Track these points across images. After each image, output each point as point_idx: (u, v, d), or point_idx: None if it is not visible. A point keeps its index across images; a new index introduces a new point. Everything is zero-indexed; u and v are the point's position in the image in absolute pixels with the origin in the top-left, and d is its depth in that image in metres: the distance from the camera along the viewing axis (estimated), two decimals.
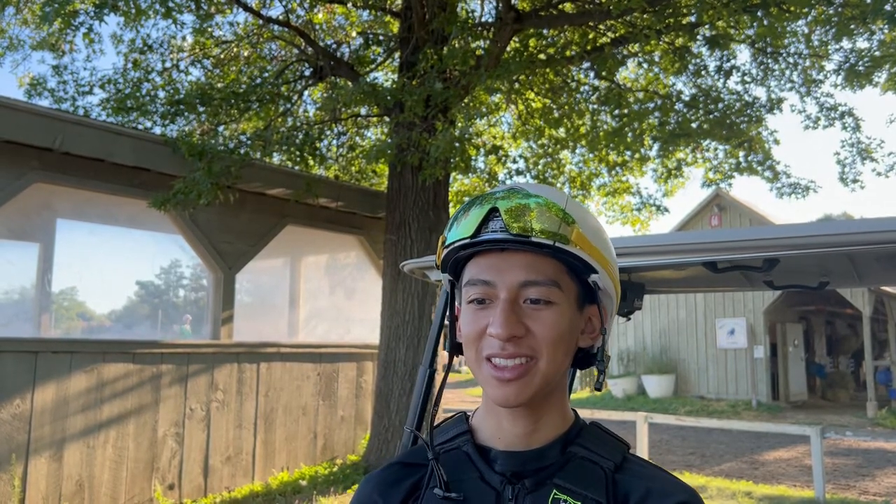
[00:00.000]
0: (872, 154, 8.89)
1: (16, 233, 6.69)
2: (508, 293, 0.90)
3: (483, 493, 0.91)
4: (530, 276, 0.90)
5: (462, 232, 0.91)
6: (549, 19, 8.51)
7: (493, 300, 0.91)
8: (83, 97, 8.83)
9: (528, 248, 0.90)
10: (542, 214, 0.89)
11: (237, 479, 7.30)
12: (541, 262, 0.91)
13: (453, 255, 0.95)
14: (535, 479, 0.90)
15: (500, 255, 0.91)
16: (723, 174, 10.14)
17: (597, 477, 0.90)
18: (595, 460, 0.92)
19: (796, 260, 1.95)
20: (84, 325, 7.72)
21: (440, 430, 1.02)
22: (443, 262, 0.98)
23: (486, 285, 0.91)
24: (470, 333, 0.92)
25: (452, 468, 0.95)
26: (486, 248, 0.92)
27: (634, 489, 0.89)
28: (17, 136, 5.91)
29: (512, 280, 0.90)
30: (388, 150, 7.34)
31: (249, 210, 7.78)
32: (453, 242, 0.93)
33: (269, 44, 9.65)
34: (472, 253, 0.94)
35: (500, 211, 0.89)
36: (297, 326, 8.90)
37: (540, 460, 0.92)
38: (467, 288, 0.93)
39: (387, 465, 1.01)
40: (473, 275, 0.93)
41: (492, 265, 0.91)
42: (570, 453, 0.93)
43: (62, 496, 5.96)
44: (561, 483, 0.89)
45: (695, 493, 0.90)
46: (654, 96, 9.64)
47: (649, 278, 2.47)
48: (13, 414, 5.72)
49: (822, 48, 8.64)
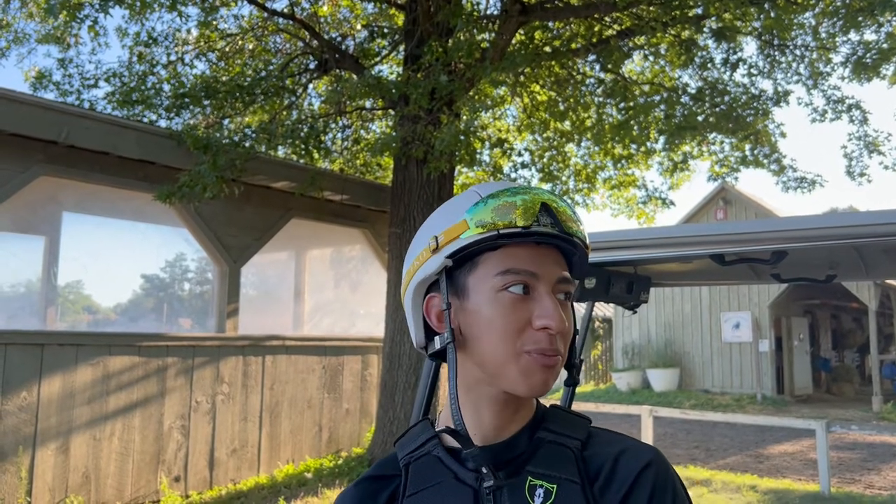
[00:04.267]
0: (880, 147, 8.84)
1: (21, 226, 6.70)
2: (550, 287, 0.90)
3: (460, 493, 0.91)
4: (564, 273, 0.93)
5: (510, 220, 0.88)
6: (555, 12, 8.47)
7: (532, 291, 0.90)
8: (88, 90, 8.84)
9: (562, 245, 0.93)
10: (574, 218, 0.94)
11: (242, 472, 7.33)
12: (562, 260, 0.94)
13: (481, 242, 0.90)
14: (508, 471, 0.90)
15: (538, 249, 0.91)
16: (729, 167, 10.11)
17: (566, 457, 0.92)
18: (562, 442, 0.93)
19: (804, 253, 1.94)
20: (90, 318, 7.73)
21: (406, 439, 1.00)
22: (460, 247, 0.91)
23: (531, 276, 0.90)
24: (508, 325, 0.88)
25: (424, 474, 0.94)
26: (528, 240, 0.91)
27: (603, 461, 0.91)
28: (23, 129, 5.92)
29: (553, 274, 0.91)
30: (392, 144, 7.33)
31: (254, 203, 7.78)
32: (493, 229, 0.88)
33: (273, 37, 9.63)
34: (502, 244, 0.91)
35: (554, 207, 0.91)
36: (302, 320, 8.91)
37: (511, 450, 0.93)
38: (504, 276, 0.89)
39: (359, 481, 0.99)
40: (514, 265, 0.89)
41: (532, 257, 0.90)
42: (537, 439, 0.94)
43: (69, 488, 5.99)
44: (533, 469, 0.90)
45: (660, 453, 0.93)
46: (660, 89, 9.60)
47: (656, 271, 2.47)
48: (20, 406, 5.75)
49: (829, 40, 8.59)
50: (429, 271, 0.94)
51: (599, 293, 2.27)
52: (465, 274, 0.93)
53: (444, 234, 0.93)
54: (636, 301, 2.48)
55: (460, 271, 0.93)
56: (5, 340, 5.75)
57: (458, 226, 0.91)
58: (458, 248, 0.91)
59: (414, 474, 0.95)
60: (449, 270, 0.94)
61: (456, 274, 0.94)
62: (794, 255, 1.95)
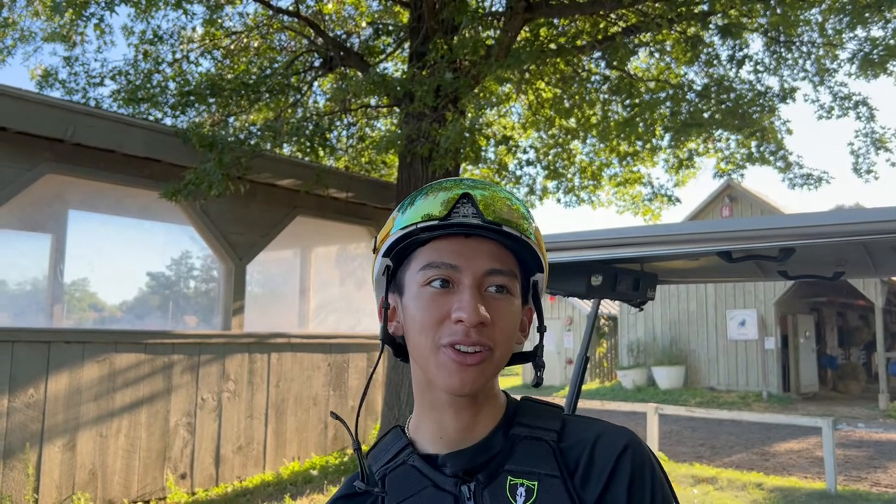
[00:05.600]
0: (887, 144, 8.79)
1: (28, 224, 6.72)
2: (474, 279, 0.88)
3: (440, 500, 0.89)
4: (495, 265, 0.90)
5: (426, 210, 0.89)
6: (560, 8, 8.45)
7: (454, 284, 0.89)
8: (94, 88, 8.86)
9: (493, 237, 0.90)
10: (510, 207, 0.91)
11: (248, 469, 7.34)
12: (502, 252, 0.91)
13: (407, 238, 0.92)
14: (487, 472, 0.89)
15: (465, 241, 0.90)
16: (735, 164, 10.07)
17: (544, 452, 0.90)
18: (538, 436, 0.92)
19: (811, 249, 1.94)
20: (96, 315, 7.76)
21: (379, 449, 0.98)
22: (389, 245, 0.93)
23: (451, 269, 0.89)
24: (427, 319, 0.88)
25: (402, 485, 0.92)
26: (452, 231, 0.90)
27: (580, 451, 0.90)
28: (29, 127, 5.93)
29: (478, 267, 0.89)
30: (398, 141, 7.32)
31: (260, 201, 7.79)
32: (413, 223, 0.90)
33: (278, 34, 9.64)
34: (429, 238, 0.91)
35: (474, 197, 0.89)
36: (308, 317, 8.92)
37: (487, 451, 0.91)
38: (425, 270, 0.90)
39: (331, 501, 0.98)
40: (434, 258, 0.90)
41: (456, 250, 0.89)
42: (513, 436, 0.92)
43: (75, 485, 6.01)
44: (513, 468, 0.89)
45: (634, 434, 0.93)
46: (665, 86, 9.57)
47: (662, 268, 2.46)
48: (27, 403, 5.77)
49: (835, 37, 8.55)
50: (376, 272, 0.97)
51: (605, 290, 2.27)
52: (403, 272, 0.95)
53: (380, 235, 0.96)
54: (642, 298, 2.47)
55: (400, 270, 0.95)
56: (12, 338, 5.77)
57: (388, 225, 0.94)
58: (388, 247, 0.93)
59: (392, 486, 0.93)
60: (394, 270, 0.96)
61: (398, 273, 0.96)
62: (801, 252, 1.94)
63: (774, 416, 9.58)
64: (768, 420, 9.50)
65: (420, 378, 0.94)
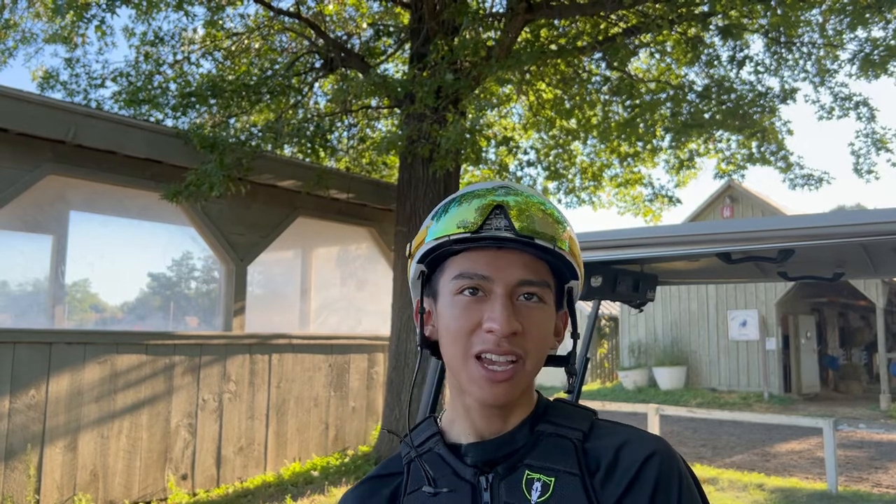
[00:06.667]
0: (887, 145, 8.80)
1: (30, 225, 6.73)
2: (506, 289, 0.89)
3: (458, 489, 0.91)
4: (527, 276, 0.90)
5: (459, 220, 0.90)
6: (561, 9, 8.45)
7: (486, 294, 0.89)
8: (95, 90, 8.87)
9: (527, 248, 0.90)
10: (543, 216, 0.90)
11: (249, 470, 7.35)
12: (535, 262, 0.91)
13: (440, 248, 0.93)
14: (506, 465, 0.90)
15: (497, 253, 0.90)
16: (735, 165, 10.07)
17: (566, 450, 0.90)
18: (563, 434, 0.92)
19: (811, 251, 1.94)
20: (97, 316, 7.77)
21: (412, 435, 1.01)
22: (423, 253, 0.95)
23: (483, 280, 0.89)
24: (460, 328, 0.89)
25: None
26: (485, 245, 0.90)
27: (605, 452, 0.90)
28: (31, 128, 5.94)
29: (510, 277, 0.89)
30: (398, 142, 7.33)
31: (261, 202, 7.80)
32: (446, 235, 0.90)
33: (279, 35, 9.65)
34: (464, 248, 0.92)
35: (507, 209, 0.89)
36: (309, 318, 8.93)
37: (510, 444, 0.92)
38: (457, 280, 0.91)
39: (362, 482, 1.01)
40: (467, 269, 0.90)
41: (489, 261, 0.90)
42: (538, 432, 0.93)
43: (77, 486, 6.02)
44: (532, 463, 0.89)
45: (665, 443, 0.91)
46: (666, 87, 9.57)
47: (662, 269, 2.46)
48: (28, 404, 5.78)
49: (836, 37, 8.55)
50: (411, 276, 0.98)
51: (606, 291, 2.27)
52: (437, 277, 0.96)
53: (414, 241, 0.97)
54: (642, 299, 2.48)
55: (434, 275, 0.96)
56: (14, 339, 5.78)
57: (422, 232, 0.95)
58: (422, 254, 0.95)
59: (415, 471, 0.95)
60: (428, 274, 0.97)
61: (433, 277, 0.97)
62: (801, 253, 1.94)
63: (775, 417, 9.58)
64: (769, 421, 9.49)
65: (454, 382, 0.96)
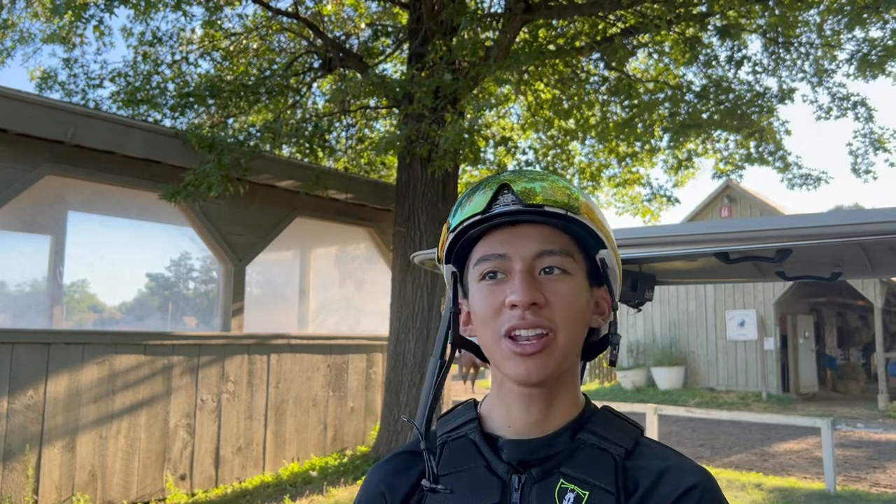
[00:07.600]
0: (885, 144, 8.81)
1: (28, 225, 6.73)
2: (524, 264, 0.88)
3: (488, 483, 0.88)
4: (545, 246, 0.89)
5: (471, 210, 0.91)
6: (559, 9, 8.46)
7: (507, 273, 0.89)
8: (94, 90, 8.87)
9: (541, 219, 0.90)
10: (553, 187, 0.90)
11: (248, 470, 7.34)
12: (553, 233, 0.91)
13: (460, 239, 0.94)
14: (542, 469, 0.87)
15: (512, 230, 0.91)
16: (733, 165, 10.08)
17: (606, 464, 0.87)
18: (605, 447, 0.89)
19: (809, 250, 1.94)
20: (95, 316, 7.76)
21: (449, 417, 0.99)
22: (447, 251, 0.96)
23: (500, 258, 0.89)
24: (486, 310, 0.89)
25: (458, 456, 0.92)
26: (499, 222, 0.91)
27: (645, 475, 0.86)
28: (29, 128, 5.94)
29: (526, 251, 0.89)
30: (397, 142, 7.33)
31: (259, 202, 7.80)
32: (461, 222, 0.91)
33: (277, 36, 9.64)
34: (481, 234, 0.92)
35: (511, 185, 0.89)
36: (307, 318, 8.93)
37: (548, 448, 0.89)
38: (479, 265, 0.91)
39: (393, 455, 1.00)
40: (485, 251, 0.91)
41: (504, 239, 0.90)
42: (579, 440, 0.89)
43: (75, 486, 6.01)
44: (568, 472, 0.86)
45: (708, 474, 0.88)
46: (664, 87, 9.58)
47: (660, 269, 2.47)
48: (26, 405, 5.77)
49: (834, 38, 8.56)
50: (446, 279, 0.99)
51: None
52: (465, 275, 0.96)
53: (439, 246, 0.98)
54: (640, 299, 2.48)
55: (464, 274, 0.97)
56: (12, 339, 5.77)
57: (443, 234, 0.96)
58: (447, 253, 0.96)
59: (448, 455, 0.93)
60: (460, 275, 0.98)
61: (463, 278, 0.97)
62: (799, 253, 1.95)
63: (774, 417, 9.58)
64: (768, 420, 9.50)
65: (495, 370, 0.94)
